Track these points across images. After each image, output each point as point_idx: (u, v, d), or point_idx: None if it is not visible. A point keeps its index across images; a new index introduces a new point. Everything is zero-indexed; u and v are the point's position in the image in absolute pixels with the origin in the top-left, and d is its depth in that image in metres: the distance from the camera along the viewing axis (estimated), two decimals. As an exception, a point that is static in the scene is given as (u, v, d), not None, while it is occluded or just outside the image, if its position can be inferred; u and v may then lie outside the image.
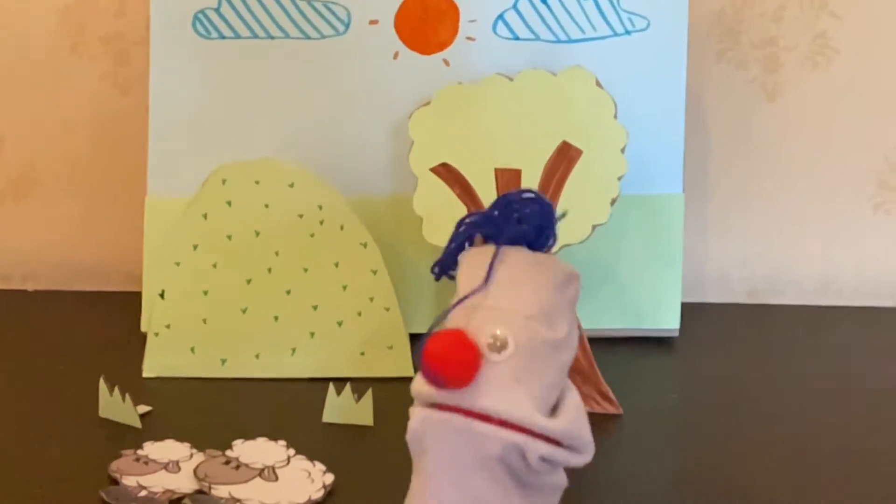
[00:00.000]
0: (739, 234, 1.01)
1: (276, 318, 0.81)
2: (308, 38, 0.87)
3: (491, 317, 0.50)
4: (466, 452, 0.49)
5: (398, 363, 0.81)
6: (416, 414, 0.51)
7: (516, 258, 0.52)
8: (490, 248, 0.52)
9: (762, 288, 1.01)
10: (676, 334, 0.88)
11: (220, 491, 0.63)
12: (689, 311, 0.90)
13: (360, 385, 0.75)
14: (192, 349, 0.81)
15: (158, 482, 0.64)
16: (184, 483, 0.64)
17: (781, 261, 1.01)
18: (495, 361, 0.49)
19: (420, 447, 0.50)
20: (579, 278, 0.53)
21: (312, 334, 0.81)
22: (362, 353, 0.81)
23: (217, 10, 0.87)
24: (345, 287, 0.81)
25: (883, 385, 0.82)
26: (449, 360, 0.48)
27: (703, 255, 1.01)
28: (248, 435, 0.70)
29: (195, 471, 0.65)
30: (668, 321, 0.88)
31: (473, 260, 0.53)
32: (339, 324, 0.81)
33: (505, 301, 0.51)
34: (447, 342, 0.49)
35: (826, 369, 0.85)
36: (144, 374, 0.81)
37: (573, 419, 0.49)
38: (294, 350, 0.81)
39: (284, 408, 0.76)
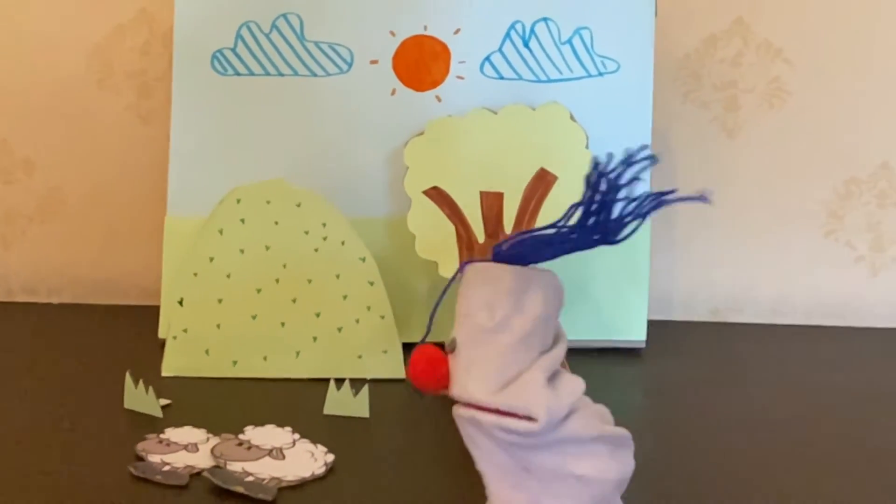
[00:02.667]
0: (703, 258, 1.07)
1: (283, 324, 0.88)
2: (315, 75, 0.95)
3: (455, 324, 0.59)
4: (474, 433, 0.58)
5: (391, 366, 0.88)
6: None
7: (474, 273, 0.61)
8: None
9: (724, 307, 1.07)
10: (643, 345, 0.95)
11: (234, 466, 0.71)
12: (657, 328, 0.97)
13: (357, 384, 0.81)
14: (207, 351, 0.88)
15: (180, 459, 0.72)
16: (202, 460, 0.72)
17: (741, 283, 1.07)
18: (453, 358, 0.58)
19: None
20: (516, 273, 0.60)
21: (315, 339, 0.88)
22: (360, 357, 0.88)
23: (233, 50, 0.95)
24: (345, 297, 0.88)
25: (827, 390, 0.89)
26: (416, 374, 0.59)
27: (670, 277, 1.07)
28: (258, 423, 0.77)
29: (212, 451, 0.73)
30: (635, 333, 0.95)
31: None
32: (339, 330, 0.88)
33: (461, 307, 0.59)
34: (415, 359, 0.59)
35: (779, 378, 0.92)
36: (163, 374, 0.87)
37: (516, 392, 0.56)
38: (298, 353, 0.88)
39: (289, 403, 0.83)
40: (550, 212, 0.86)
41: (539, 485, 0.57)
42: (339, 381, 0.82)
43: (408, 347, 0.89)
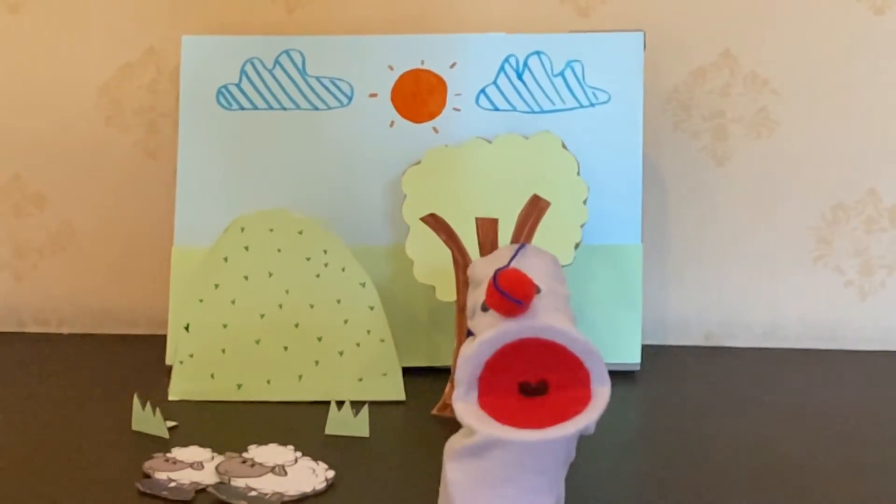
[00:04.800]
0: (695, 284, 1.08)
1: (286, 348, 0.90)
2: (316, 108, 0.98)
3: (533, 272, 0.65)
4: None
5: (391, 388, 0.90)
6: None
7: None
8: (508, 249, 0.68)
9: (717, 332, 1.08)
10: (638, 368, 0.97)
11: (238, 482, 0.73)
12: (652, 352, 0.99)
13: (357, 405, 0.83)
14: (212, 375, 0.90)
15: (185, 476, 0.74)
16: (207, 477, 0.74)
17: (734, 308, 1.08)
18: (538, 298, 0.63)
19: None
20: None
21: (317, 362, 0.90)
22: (360, 379, 0.90)
23: (238, 86, 0.98)
24: (346, 321, 0.90)
25: (817, 411, 0.90)
26: (523, 280, 0.62)
27: (664, 302, 1.08)
28: (261, 442, 0.79)
29: (217, 468, 0.75)
30: (630, 356, 0.97)
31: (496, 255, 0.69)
32: (341, 353, 0.90)
33: (530, 269, 0.65)
34: (518, 273, 0.63)
35: (772, 400, 0.93)
36: (170, 398, 0.90)
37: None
38: (301, 376, 0.90)
39: (292, 424, 0.85)
40: (543, 236, 0.88)
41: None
42: (340, 402, 0.84)
43: (407, 371, 0.92)
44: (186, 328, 0.90)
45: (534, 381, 0.63)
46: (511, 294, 0.62)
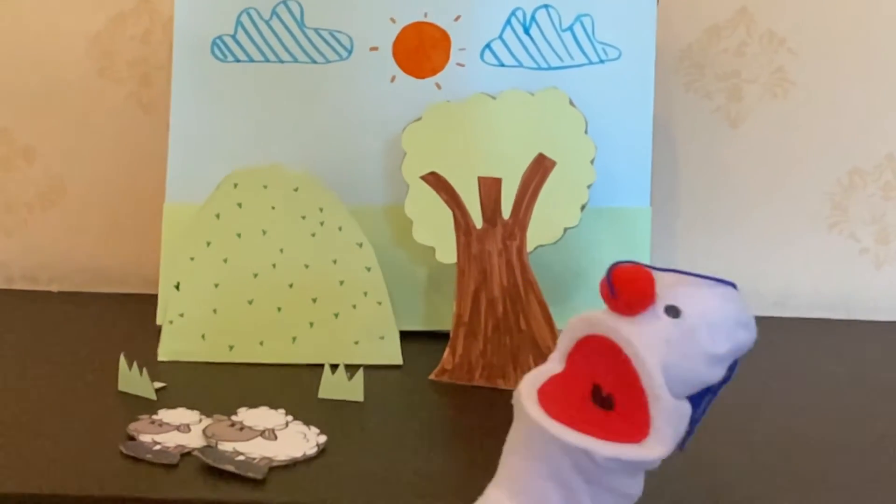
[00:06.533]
0: (705, 250, 1.07)
1: (280, 309, 0.88)
2: (314, 62, 0.95)
3: (684, 292, 0.57)
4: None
5: (388, 352, 0.88)
6: None
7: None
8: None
9: None
10: None
11: (226, 446, 0.71)
12: None
13: (352, 369, 0.81)
14: (203, 336, 0.88)
15: (171, 439, 0.72)
16: (194, 441, 0.72)
17: (745, 275, 1.04)
18: (657, 317, 0.56)
19: None
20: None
21: (312, 324, 0.88)
22: (356, 342, 0.88)
23: (233, 37, 0.95)
24: (341, 282, 0.88)
25: (830, 382, 0.89)
26: (636, 278, 0.56)
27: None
28: (252, 405, 0.77)
29: (204, 431, 0.73)
30: None
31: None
32: (336, 315, 0.88)
33: (694, 298, 0.58)
34: (641, 271, 0.57)
35: (782, 370, 0.91)
36: (159, 358, 0.87)
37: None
38: (295, 338, 0.88)
39: (284, 387, 0.83)
40: (548, 197, 0.86)
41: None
42: (334, 366, 0.81)
43: (405, 335, 0.90)
44: (177, 287, 0.88)
45: (606, 390, 0.57)
46: (614, 283, 0.56)
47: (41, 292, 1.08)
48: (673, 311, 0.56)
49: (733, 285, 0.60)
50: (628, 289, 0.56)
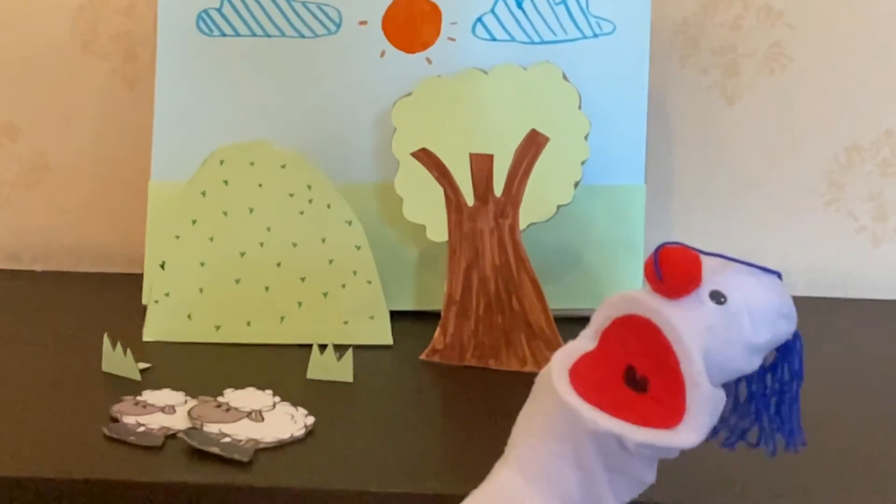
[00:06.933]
0: (701, 228, 1.05)
1: (267, 288, 0.87)
2: (302, 36, 0.93)
3: (729, 278, 0.56)
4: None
5: (378, 332, 0.87)
6: None
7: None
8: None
9: None
10: None
11: (211, 428, 0.69)
12: None
13: (341, 349, 0.80)
14: (189, 316, 0.86)
15: (155, 421, 0.70)
16: (179, 422, 0.70)
17: (741, 254, 1.03)
18: (701, 302, 0.55)
19: None
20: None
21: (300, 304, 0.87)
22: (346, 322, 0.87)
23: (219, 10, 0.93)
24: (330, 261, 0.87)
25: (827, 361, 0.87)
26: (683, 259, 0.55)
27: None
28: (238, 386, 0.76)
29: (189, 412, 0.71)
30: None
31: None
32: (325, 295, 0.87)
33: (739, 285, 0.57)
34: (688, 252, 0.56)
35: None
36: (144, 338, 0.86)
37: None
38: (283, 318, 0.87)
39: (272, 368, 0.82)
40: (541, 174, 0.84)
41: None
42: (323, 346, 0.80)
43: (395, 314, 0.88)
44: (162, 266, 0.87)
45: (640, 372, 0.55)
46: (661, 264, 0.55)
47: (24, 272, 1.06)
48: (717, 297, 0.55)
49: (778, 274, 0.59)
50: (676, 271, 0.55)
